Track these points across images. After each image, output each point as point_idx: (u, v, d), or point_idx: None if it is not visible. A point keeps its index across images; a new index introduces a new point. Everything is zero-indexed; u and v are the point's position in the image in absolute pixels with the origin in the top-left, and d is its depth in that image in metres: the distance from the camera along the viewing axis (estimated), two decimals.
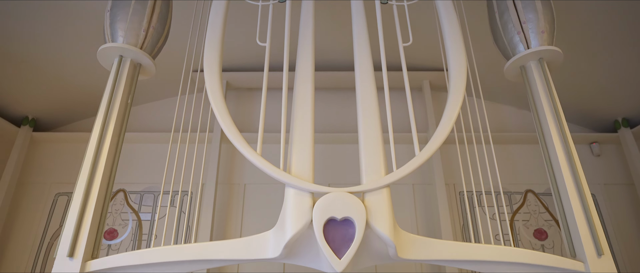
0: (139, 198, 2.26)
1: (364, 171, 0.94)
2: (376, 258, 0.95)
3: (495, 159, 2.33)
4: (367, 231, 0.88)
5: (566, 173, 1.04)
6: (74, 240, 0.96)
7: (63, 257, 0.96)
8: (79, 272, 0.95)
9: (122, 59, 1.20)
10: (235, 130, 1.00)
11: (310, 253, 0.93)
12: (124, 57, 1.20)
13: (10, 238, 2.18)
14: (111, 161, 1.09)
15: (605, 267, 0.97)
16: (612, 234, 2.18)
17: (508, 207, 2.27)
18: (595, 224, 0.99)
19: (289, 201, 0.90)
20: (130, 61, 1.21)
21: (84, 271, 0.96)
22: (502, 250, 0.97)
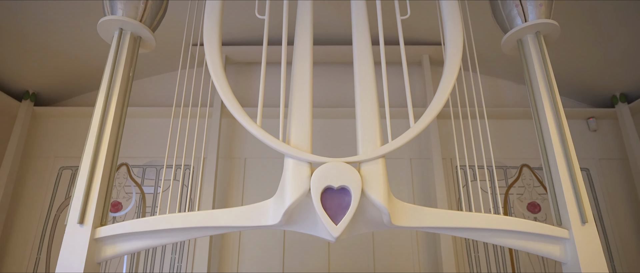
0: (141, 172, 2.32)
1: (360, 142, 0.98)
2: (371, 225, 1.00)
3: (492, 134, 2.38)
4: (363, 199, 0.93)
5: (556, 144, 1.08)
6: (83, 208, 1.01)
7: (74, 224, 1.02)
8: (89, 237, 1.01)
9: (122, 32, 1.21)
10: (236, 102, 1.03)
11: (309, 220, 0.99)
12: (124, 30, 1.21)
13: (17, 211, 2.25)
14: (116, 131, 1.13)
15: (588, 234, 1.03)
16: (604, 208, 2.26)
17: (503, 181, 2.33)
18: (581, 193, 1.04)
19: (288, 171, 0.95)
20: (130, 33, 1.22)
21: (94, 237, 1.02)
22: (490, 218, 1.03)
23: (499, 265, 2.19)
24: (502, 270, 2.18)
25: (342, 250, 2.16)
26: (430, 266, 2.14)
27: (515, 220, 1.04)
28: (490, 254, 2.21)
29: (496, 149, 2.35)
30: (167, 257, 2.19)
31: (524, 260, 2.20)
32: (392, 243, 2.18)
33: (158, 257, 2.18)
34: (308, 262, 2.11)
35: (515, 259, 2.21)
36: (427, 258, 2.17)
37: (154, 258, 2.18)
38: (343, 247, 2.15)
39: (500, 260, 2.20)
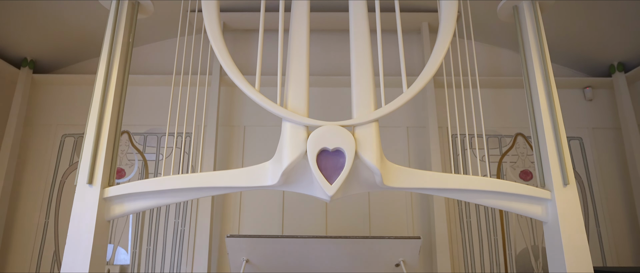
0: (142, 139, 2.38)
1: (355, 107, 1.03)
2: (364, 186, 1.07)
3: (488, 103, 2.42)
4: (356, 161, 0.99)
5: (544, 109, 1.13)
6: (91, 169, 1.08)
7: (83, 185, 1.08)
8: (99, 197, 1.08)
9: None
10: (235, 68, 1.07)
11: (305, 181, 1.05)
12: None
13: (23, 177, 2.34)
14: (119, 94, 1.17)
15: (569, 195, 1.10)
16: (594, 176, 2.34)
17: (497, 150, 2.40)
18: (565, 157, 1.10)
19: (286, 134, 1.00)
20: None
21: (102, 197, 1.09)
22: (477, 179, 1.09)
23: (490, 231, 2.30)
24: (492, 235, 2.30)
25: (338, 212, 2.26)
26: (423, 230, 2.26)
27: (501, 181, 1.11)
28: (481, 219, 2.32)
29: (491, 118, 2.40)
30: (171, 220, 2.29)
31: (514, 226, 2.31)
32: (387, 207, 2.28)
33: (162, 221, 2.29)
34: (306, 224, 2.22)
35: (505, 224, 2.32)
36: (421, 222, 2.28)
37: (158, 222, 2.29)
38: (339, 209, 2.26)
39: (491, 225, 2.31)
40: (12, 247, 2.25)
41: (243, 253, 1.69)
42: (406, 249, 1.70)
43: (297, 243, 1.68)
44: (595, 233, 2.27)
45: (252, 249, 1.69)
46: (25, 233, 2.28)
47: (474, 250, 2.27)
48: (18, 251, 2.25)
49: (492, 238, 2.29)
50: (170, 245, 2.25)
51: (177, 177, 1.08)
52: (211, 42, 1.08)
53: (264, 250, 1.70)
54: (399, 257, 1.72)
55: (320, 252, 1.70)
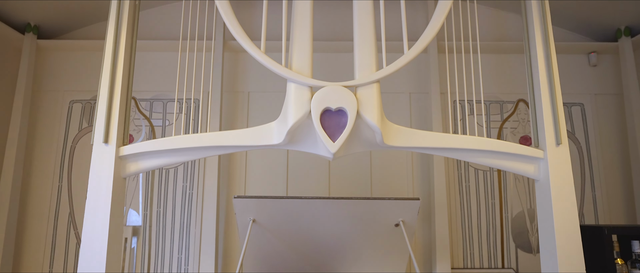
0: (149, 105, 2.44)
1: (357, 68, 1.07)
2: (365, 144, 1.14)
3: (491, 68, 2.44)
4: (358, 120, 1.05)
5: (542, 68, 1.17)
6: (106, 128, 1.14)
7: (99, 144, 1.16)
8: (115, 155, 1.15)
9: None
10: (240, 29, 1.10)
11: (309, 139, 1.12)
12: None
13: (35, 144, 2.43)
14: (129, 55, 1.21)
15: (561, 154, 1.16)
16: (593, 142, 2.39)
17: (499, 116, 2.44)
18: (559, 116, 1.15)
19: (291, 94, 1.06)
20: None
21: (118, 155, 1.17)
22: (473, 139, 1.15)
23: (487, 194, 2.40)
24: (490, 198, 2.39)
25: (341, 175, 2.35)
26: (423, 192, 2.35)
27: (496, 141, 1.17)
28: (480, 184, 2.40)
29: (494, 83, 2.43)
30: (179, 184, 2.40)
31: (511, 190, 2.40)
32: (388, 170, 2.37)
33: (171, 184, 2.39)
34: (310, 185, 2.33)
35: (503, 188, 2.40)
36: (421, 185, 2.37)
37: (167, 186, 2.39)
38: (342, 172, 2.35)
39: (489, 189, 2.40)
40: (29, 212, 2.38)
41: (250, 213, 1.80)
42: (405, 210, 1.79)
43: (301, 204, 1.78)
44: (591, 197, 2.36)
45: (258, 209, 1.79)
46: (41, 197, 2.40)
47: (472, 213, 2.38)
48: (35, 215, 2.38)
49: (490, 201, 2.39)
50: (179, 207, 2.37)
51: (188, 136, 1.14)
52: (216, 3, 1.11)
53: (269, 210, 1.80)
54: (399, 218, 1.82)
55: (323, 212, 1.80)
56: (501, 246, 2.36)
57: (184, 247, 2.34)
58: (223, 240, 2.35)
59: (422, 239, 2.37)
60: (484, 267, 2.34)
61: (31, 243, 2.36)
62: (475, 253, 2.35)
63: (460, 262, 2.34)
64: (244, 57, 2.48)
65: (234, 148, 1.16)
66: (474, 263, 2.34)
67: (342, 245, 1.93)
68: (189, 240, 2.35)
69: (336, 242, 1.91)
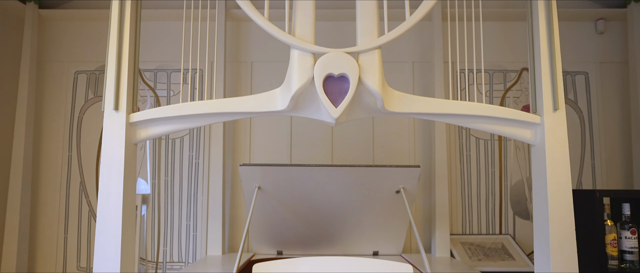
0: (153, 76, 2.48)
1: (359, 34, 1.10)
2: (367, 110, 1.18)
3: (494, 36, 2.44)
4: (360, 86, 1.09)
5: (542, 32, 1.19)
6: (116, 96, 1.19)
7: (110, 111, 1.21)
8: (125, 122, 1.21)
9: None
10: None
11: (312, 106, 1.17)
12: None
13: (43, 115, 2.49)
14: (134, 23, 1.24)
15: (557, 120, 1.20)
16: (596, 111, 2.42)
17: (502, 85, 2.46)
18: (558, 82, 1.18)
19: (294, 61, 1.09)
20: None
21: (128, 122, 1.22)
22: (472, 105, 1.19)
23: (488, 163, 2.46)
24: (490, 167, 2.45)
25: (343, 143, 2.42)
26: (424, 161, 2.42)
27: (494, 107, 1.21)
28: (480, 153, 2.46)
29: (498, 52, 2.43)
30: (185, 154, 2.48)
31: (512, 159, 2.46)
32: (390, 139, 2.43)
33: (177, 154, 2.47)
34: (313, 153, 2.40)
35: (503, 157, 2.46)
36: (422, 153, 2.43)
37: (174, 156, 2.47)
38: (345, 139, 2.42)
39: (490, 158, 2.46)
40: (41, 182, 2.48)
41: (255, 180, 1.88)
42: (406, 177, 1.86)
43: (305, 171, 1.85)
44: (590, 166, 2.41)
45: (263, 177, 1.87)
46: (52, 168, 2.49)
47: (472, 181, 2.45)
48: (47, 185, 2.48)
49: (490, 170, 2.45)
50: (186, 176, 2.46)
51: (195, 103, 1.19)
52: None
53: (274, 178, 1.87)
54: (399, 184, 1.89)
55: (326, 179, 1.88)
56: (499, 213, 2.44)
57: (191, 214, 2.45)
58: (229, 207, 2.46)
59: (422, 206, 2.46)
60: (482, 233, 2.44)
61: (45, 213, 2.48)
62: (474, 220, 2.44)
63: (459, 228, 2.44)
64: (247, 27, 2.48)
65: (240, 114, 1.21)
66: (472, 230, 2.44)
67: (345, 211, 2.02)
68: (197, 207, 2.45)
69: (339, 208, 2.00)
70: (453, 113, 1.21)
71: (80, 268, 2.45)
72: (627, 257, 1.44)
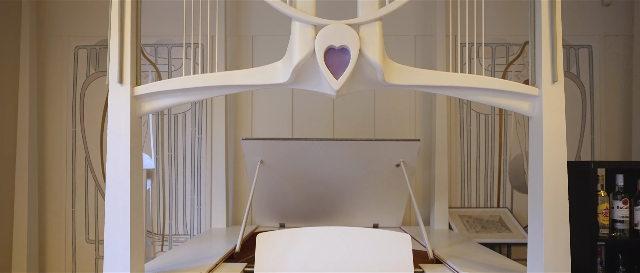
0: (153, 50, 2.49)
1: (360, 6, 1.11)
2: (367, 83, 1.21)
3: (498, 9, 2.41)
4: (360, 58, 1.11)
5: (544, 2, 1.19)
6: (120, 69, 1.22)
7: (115, 84, 1.24)
8: (130, 95, 1.24)
9: None
10: None
11: (314, 78, 1.19)
12: None
13: (45, 91, 2.52)
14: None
15: (555, 92, 1.22)
16: (598, 85, 2.43)
17: (504, 59, 2.47)
18: (557, 53, 1.20)
19: (295, 33, 1.11)
20: None
21: (133, 95, 1.25)
22: (471, 77, 1.22)
23: (488, 138, 2.49)
24: (490, 141, 2.49)
25: (345, 118, 2.46)
26: (424, 135, 2.46)
27: (493, 79, 1.23)
28: (481, 127, 2.49)
29: (501, 25, 2.42)
30: (188, 129, 2.52)
31: (512, 134, 2.49)
32: (391, 113, 2.46)
33: (180, 130, 2.51)
34: (314, 128, 2.44)
35: (503, 132, 2.49)
36: (423, 128, 2.47)
37: (177, 131, 2.52)
38: (346, 113, 2.45)
39: (490, 133, 2.49)
40: (47, 158, 2.54)
41: (258, 154, 1.92)
42: (406, 151, 1.91)
43: (307, 145, 1.89)
44: (589, 140, 2.45)
45: (265, 151, 1.91)
46: (57, 144, 2.54)
47: (471, 155, 2.50)
48: (53, 160, 2.54)
49: (490, 144, 2.49)
50: (189, 151, 2.51)
51: (198, 76, 1.22)
52: None
53: (276, 152, 1.92)
54: (400, 158, 1.94)
55: (327, 153, 1.92)
56: (498, 187, 2.50)
57: (196, 189, 2.52)
58: (233, 181, 2.52)
59: (422, 180, 2.52)
60: (480, 206, 2.51)
61: (53, 188, 2.55)
62: (473, 194, 2.51)
63: (457, 201, 2.51)
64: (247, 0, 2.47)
65: (243, 87, 1.24)
66: (470, 203, 2.51)
67: (345, 185, 2.08)
68: (201, 181, 2.52)
69: (340, 181, 2.06)
70: (452, 86, 1.23)
71: (89, 241, 2.54)
72: (618, 225, 1.49)
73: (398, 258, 1.40)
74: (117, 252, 1.19)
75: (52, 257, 2.54)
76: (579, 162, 1.53)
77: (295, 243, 1.45)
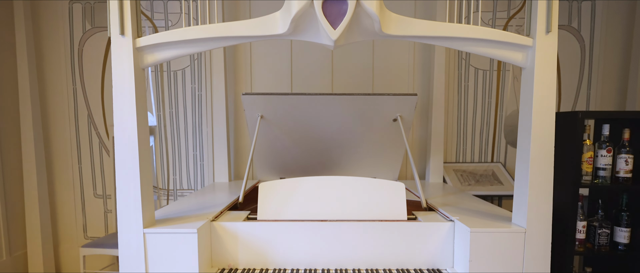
0: (149, 5, 2.47)
1: None
2: (365, 33, 1.24)
3: None
4: (358, 8, 1.14)
5: None
6: (121, 20, 1.25)
7: (117, 36, 1.27)
8: (132, 47, 1.28)
9: None
10: None
11: (312, 29, 1.22)
12: None
13: (43, 50, 2.53)
14: None
15: (549, 42, 1.26)
16: (598, 40, 2.44)
17: (505, 12, 2.46)
18: (553, 3, 1.22)
19: None
20: None
21: (135, 47, 1.29)
22: (467, 27, 1.25)
23: (485, 93, 2.54)
24: (487, 97, 2.54)
25: (343, 73, 2.49)
26: (422, 90, 2.51)
27: (488, 29, 1.26)
28: (479, 83, 2.54)
29: None
30: (188, 86, 2.56)
31: (509, 90, 2.54)
32: (389, 68, 2.49)
33: (180, 87, 2.56)
34: (314, 83, 2.49)
35: (501, 88, 2.54)
36: (421, 83, 2.51)
37: (177, 88, 2.56)
38: (344, 68, 2.49)
39: (487, 88, 2.54)
40: (50, 116, 2.60)
41: (258, 109, 1.98)
42: (404, 105, 1.96)
43: (306, 100, 1.95)
44: (585, 95, 2.50)
45: (265, 105, 1.97)
46: (59, 102, 2.59)
47: (468, 111, 2.56)
48: (57, 118, 2.60)
49: (486, 100, 2.55)
50: (190, 108, 2.57)
51: (198, 27, 1.25)
52: None
53: (276, 107, 1.98)
54: (397, 113, 2.00)
55: (326, 107, 1.98)
56: (492, 143, 2.59)
57: (198, 145, 2.61)
58: (234, 137, 2.60)
59: (418, 135, 2.60)
60: (474, 161, 2.61)
61: (59, 147, 2.63)
62: (468, 149, 2.60)
63: (453, 156, 2.61)
64: None
65: (243, 38, 1.27)
66: (465, 158, 2.61)
67: (344, 139, 2.16)
68: (202, 137, 2.60)
69: (338, 136, 2.13)
70: (448, 36, 1.27)
71: (97, 196, 2.67)
72: (601, 173, 1.59)
73: (393, 205, 1.51)
74: (129, 196, 1.29)
75: (64, 212, 2.68)
76: (567, 112, 1.59)
77: (296, 191, 1.55)
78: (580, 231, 1.63)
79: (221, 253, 1.44)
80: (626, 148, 1.58)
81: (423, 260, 1.44)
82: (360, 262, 1.44)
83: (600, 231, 1.64)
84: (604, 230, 1.63)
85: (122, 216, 1.30)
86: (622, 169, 1.58)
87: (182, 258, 1.30)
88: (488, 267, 1.30)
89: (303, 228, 1.43)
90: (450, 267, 1.43)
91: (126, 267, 1.30)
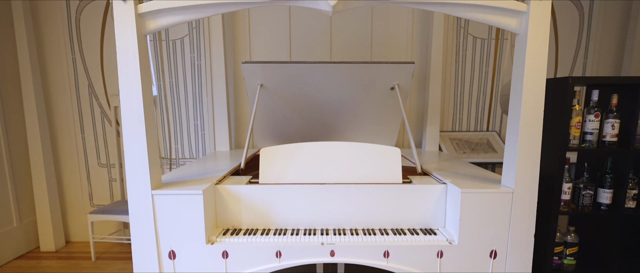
0: None
1: None
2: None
3: None
4: None
5: None
6: None
7: (118, 2, 1.30)
8: (134, 13, 1.31)
9: None
10: None
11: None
12: None
13: (40, 20, 2.53)
14: None
15: (542, 8, 1.30)
16: (597, 10, 2.46)
17: None
18: None
19: None
20: None
21: (137, 13, 1.32)
22: None
23: (482, 63, 2.58)
24: (484, 67, 2.58)
25: (342, 41, 2.52)
26: (420, 59, 2.54)
27: None
28: (476, 52, 2.56)
29: None
30: (187, 55, 2.58)
31: (506, 60, 2.57)
32: (388, 37, 2.51)
33: (179, 57, 2.58)
34: (312, 52, 2.51)
35: (498, 58, 2.57)
36: (419, 53, 2.54)
37: (176, 58, 2.58)
38: (343, 37, 2.51)
39: (485, 58, 2.57)
40: (51, 86, 2.63)
41: (257, 78, 2.02)
42: (401, 73, 2.00)
43: (305, 68, 1.98)
44: (582, 64, 2.54)
45: (265, 74, 2.01)
46: (59, 73, 2.62)
47: (465, 80, 2.60)
48: (58, 90, 2.64)
49: (484, 69, 2.59)
50: (190, 77, 2.61)
51: None
52: None
53: (275, 75, 2.02)
54: (394, 81, 2.04)
55: (324, 76, 2.02)
56: (488, 111, 2.65)
57: (199, 114, 2.66)
58: (234, 106, 2.65)
59: (415, 104, 2.65)
60: (470, 130, 2.68)
61: (61, 117, 2.68)
62: (464, 118, 2.66)
63: (449, 125, 2.67)
64: None
65: (242, 4, 1.30)
66: (461, 127, 2.68)
67: (342, 108, 2.21)
68: (203, 107, 2.65)
69: (336, 104, 2.18)
70: (445, 1, 1.30)
71: (101, 165, 2.75)
72: (588, 137, 1.65)
73: (388, 169, 1.59)
74: (137, 157, 1.36)
75: (69, 181, 2.76)
76: (558, 78, 1.63)
77: (296, 156, 1.62)
78: (566, 193, 1.71)
79: (225, 214, 1.52)
80: (613, 113, 1.64)
81: (417, 220, 1.53)
82: (357, 223, 1.53)
83: (585, 192, 1.73)
84: (588, 191, 1.72)
85: (131, 178, 1.37)
86: (609, 134, 1.65)
87: (189, 219, 1.39)
88: (477, 226, 1.40)
89: (303, 191, 1.51)
90: (442, 226, 1.53)
91: (136, 228, 1.39)
